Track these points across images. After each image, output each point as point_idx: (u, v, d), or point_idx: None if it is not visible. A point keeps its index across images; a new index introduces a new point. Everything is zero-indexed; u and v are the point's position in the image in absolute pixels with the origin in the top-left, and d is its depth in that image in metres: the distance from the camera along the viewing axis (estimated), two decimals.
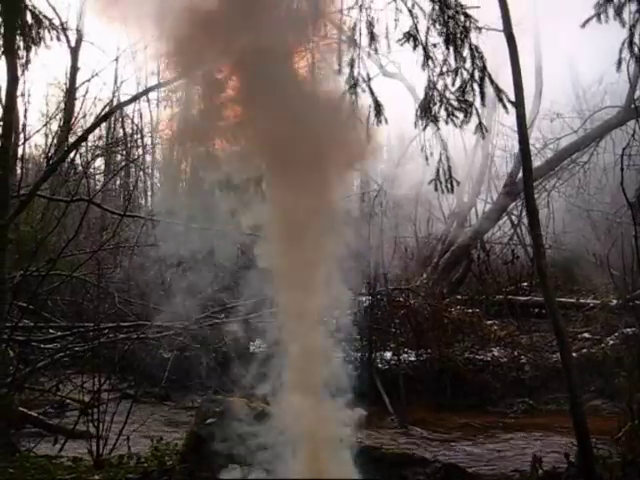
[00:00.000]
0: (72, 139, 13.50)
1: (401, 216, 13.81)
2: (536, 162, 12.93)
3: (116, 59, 16.29)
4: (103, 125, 16.81)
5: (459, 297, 12.07)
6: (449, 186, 6.18)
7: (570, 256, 14.36)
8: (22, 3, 7.05)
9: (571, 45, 16.99)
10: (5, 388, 7.32)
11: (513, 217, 14.63)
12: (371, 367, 9.22)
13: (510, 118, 6.79)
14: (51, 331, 9.70)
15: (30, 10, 7.76)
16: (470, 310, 11.24)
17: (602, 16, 6.03)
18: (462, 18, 5.94)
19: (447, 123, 6.07)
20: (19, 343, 8.40)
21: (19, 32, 7.48)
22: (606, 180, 14.40)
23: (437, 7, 5.93)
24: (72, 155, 13.39)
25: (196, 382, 9.23)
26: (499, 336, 10.82)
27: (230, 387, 6.34)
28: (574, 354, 8.91)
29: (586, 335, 10.60)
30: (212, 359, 9.05)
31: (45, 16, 7.93)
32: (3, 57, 7.72)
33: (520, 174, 11.01)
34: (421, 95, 6.74)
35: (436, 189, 6.32)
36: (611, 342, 9.86)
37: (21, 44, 7.70)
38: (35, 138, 19.35)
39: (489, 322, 11.37)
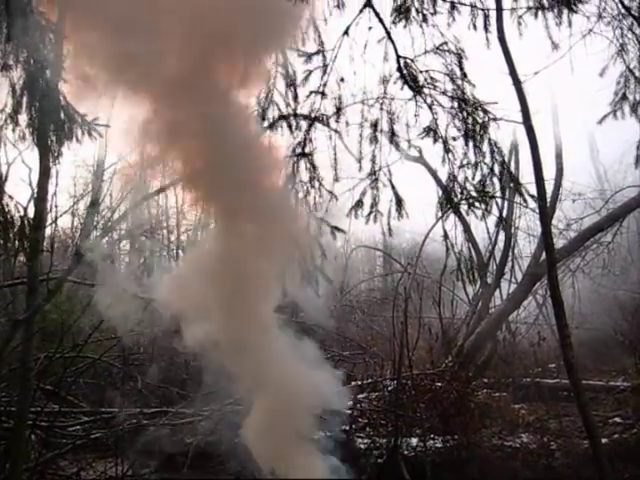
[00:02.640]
0: (98, 219, 13.91)
1: (425, 297, 13.82)
2: (559, 243, 12.97)
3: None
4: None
5: (485, 380, 11.88)
6: (471, 277, 6.25)
7: (598, 336, 14.16)
8: (58, 102, 7.40)
9: (591, 125, 17.35)
10: (27, 473, 7.32)
11: (538, 297, 14.54)
12: (397, 454, 9.03)
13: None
14: (74, 415, 9.73)
15: (63, 107, 8.13)
16: (497, 394, 11.03)
17: (618, 113, 6.21)
18: (481, 114, 6.14)
19: (468, 214, 6.22)
20: (43, 428, 8.43)
21: (53, 129, 7.84)
22: (631, 259, 14.36)
23: (456, 103, 6.15)
24: None
25: (219, 468, 9.13)
26: (528, 421, 10.57)
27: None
28: (605, 439, 8.68)
29: (617, 420, 10.30)
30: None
31: (77, 112, 8.30)
32: (36, 150, 8.10)
33: (544, 255, 11.08)
34: (442, 177, 6.98)
35: (458, 279, 6.38)
36: None
37: (54, 139, 8.06)
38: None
39: (517, 406, 11.12)
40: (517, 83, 6.19)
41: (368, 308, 17.99)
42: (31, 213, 7.74)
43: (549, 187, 11.76)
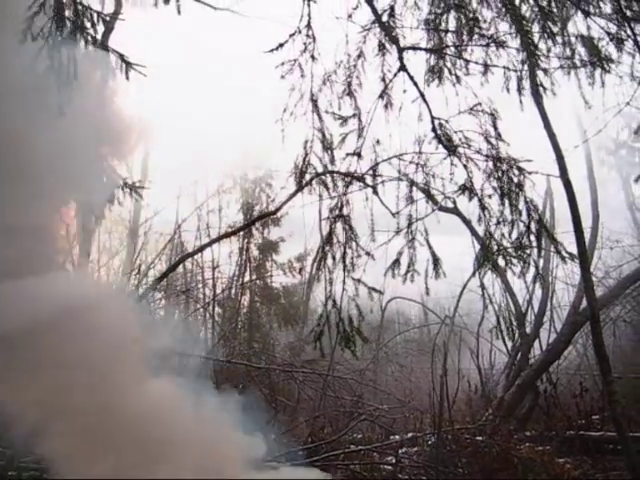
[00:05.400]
0: (134, 275, 14.15)
1: (463, 349, 13.72)
2: (598, 291, 12.80)
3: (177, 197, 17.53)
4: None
5: (527, 434, 11.64)
6: (511, 334, 6.24)
7: None
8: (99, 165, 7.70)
9: (625, 171, 17.27)
10: None
11: (579, 346, 14.32)
12: None
13: (571, 246, 6.91)
14: None
15: (106, 171, 8.44)
16: (540, 448, 10.79)
17: None
18: (516, 172, 6.23)
19: (505, 271, 6.24)
20: None
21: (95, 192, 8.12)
22: None
23: (491, 163, 6.25)
24: None
25: None
26: (573, 475, 10.29)
27: None
28: None
29: None
30: None
31: (119, 176, 8.62)
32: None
33: (583, 303, 10.97)
34: (476, 227, 7.01)
35: (498, 337, 6.38)
36: None
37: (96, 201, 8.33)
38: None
39: (561, 460, 10.84)
40: (552, 137, 6.26)
41: (405, 360, 17.85)
42: None
43: (586, 234, 11.73)
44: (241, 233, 19.70)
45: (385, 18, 6.40)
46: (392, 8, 6.49)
